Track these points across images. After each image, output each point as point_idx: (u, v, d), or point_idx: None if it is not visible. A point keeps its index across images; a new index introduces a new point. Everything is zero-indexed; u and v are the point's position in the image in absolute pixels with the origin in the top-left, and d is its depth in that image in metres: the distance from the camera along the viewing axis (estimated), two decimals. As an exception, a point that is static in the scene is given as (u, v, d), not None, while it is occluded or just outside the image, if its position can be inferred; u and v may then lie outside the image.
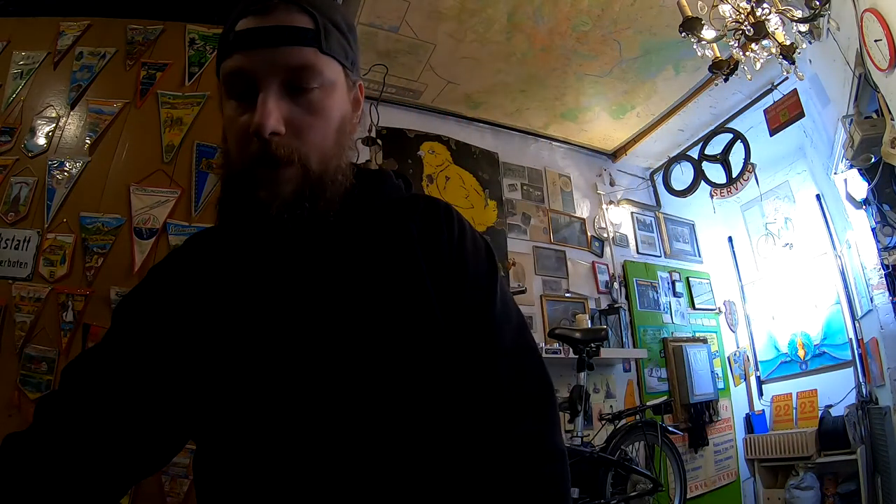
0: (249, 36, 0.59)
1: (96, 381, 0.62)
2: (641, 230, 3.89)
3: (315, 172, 0.61)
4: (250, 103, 0.59)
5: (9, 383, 1.44)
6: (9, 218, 1.59)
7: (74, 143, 1.68)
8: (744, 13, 1.94)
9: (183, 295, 0.66)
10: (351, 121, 0.67)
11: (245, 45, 0.59)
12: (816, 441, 3.08)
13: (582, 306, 3.30)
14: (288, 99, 0.60)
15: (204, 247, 0.72)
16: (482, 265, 0.68)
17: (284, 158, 0.59)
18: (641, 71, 3.02)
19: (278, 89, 0.59)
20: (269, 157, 0.58)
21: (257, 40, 0.59)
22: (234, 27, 0.61)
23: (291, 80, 0.60)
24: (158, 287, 0.69)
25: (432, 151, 3.15)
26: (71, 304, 1.51)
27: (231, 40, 0.60)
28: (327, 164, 0.62)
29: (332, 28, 0.63)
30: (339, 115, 0.64)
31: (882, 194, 2.36)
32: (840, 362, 3.26)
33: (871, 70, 1.84)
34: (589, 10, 2.55)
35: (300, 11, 0.61)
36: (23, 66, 1.76)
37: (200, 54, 1.77)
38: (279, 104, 0.59)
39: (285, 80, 0.59)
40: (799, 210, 3.67)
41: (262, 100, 0.58)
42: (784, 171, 3.71)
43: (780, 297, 3.77)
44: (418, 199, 0.72)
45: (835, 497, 2.94)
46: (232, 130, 0.62)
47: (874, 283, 2.67)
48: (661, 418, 2.73)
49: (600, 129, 3.64)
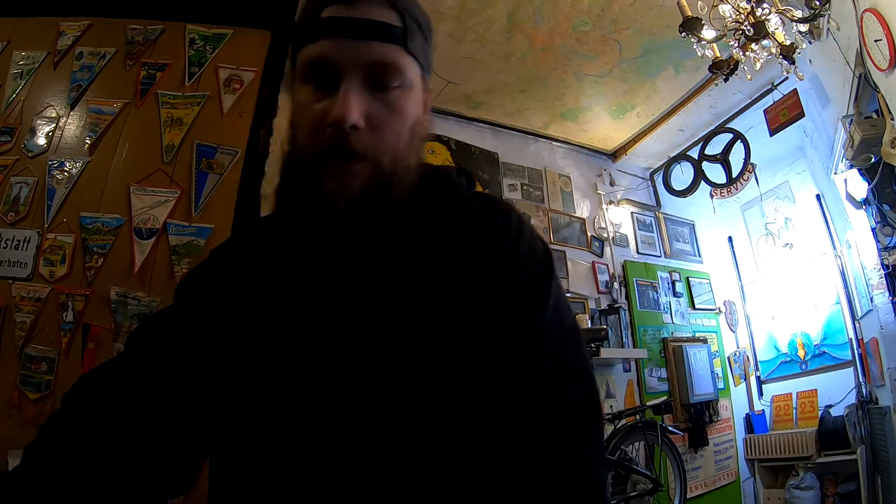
0: (338, 24, 0.58)
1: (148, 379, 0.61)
2: (641, 230, 3.89)
3: (386, 170, 0.59)
4: (329, 92, 0.58)
5: (9, 383, 1.44)
6: (9, 218, 1.59)
7: (74, 143, 1.68)
8: (744, 13, 1.94)
9: (233, 286, 0.65)
10: (422, 123, 0.66)
11: (332, 32, 0.58)
12: (816, 441, 3.08)
13: (582, 306, 3.30)
14: (369, 94, 0.58)
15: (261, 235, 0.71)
16: (535, 267, 0.63)
17: (359, 153, 0.57)
18: (641, 71, 3.02)
19: (361, 83, 0.58)
20: (344, 149, 0.57)
21: (346, 30, 0.58)
22: (320, 13, 0.59)
23: (375, 75, 0.58)
24: (210, 281, 0.68)
25: (432, 151, 3.15)
26: (71, 304, 1.51)
27: (316, 27, 0.59)
28: (398, 163, 0.60)
29: (416, 28, 0.62)
30: (413, 116, 0.63)
31: (882, 194, 2.36)
32: (840, 362, 3.26)
33: (871, 70, 1.84)
34: (589, 10, 2.55)
35: (389, 7, 0.60)
36: (23, 66, 1.76)
37: (200, 54, 1.77)
38: (361, 98, 0.57)
39: (368, 75, 0.58)
40: (799, 210, 3.68)
41: (344, 91, 0.57)
42: (784, 171, 3.71)
43: (780, 297, 3.77)
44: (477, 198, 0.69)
45: (835, 497, 2.94)
46: (304, 117, 0.60)
47: (874, 283, 2.67)
48: (661, 418, 2.73)
49: (600, 129, 3.64)
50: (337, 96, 0.57)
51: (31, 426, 1.40)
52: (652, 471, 2.39)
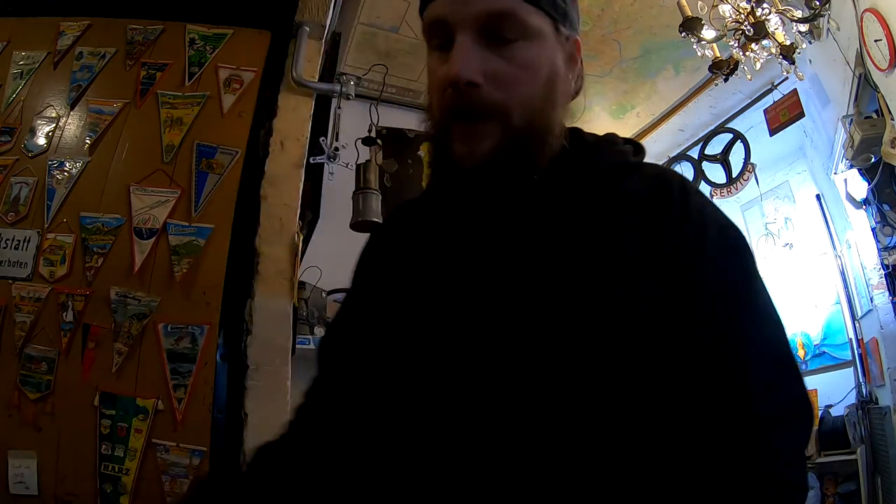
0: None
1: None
2: (641, 230, 3.89)
3: (518, 128, 0.54)
4: (448, 52, 0.55)
5: (9, 383, 1.43)
6: (9, 218, 1.59)
7: (74, 143, 1.67)
8: (744, 13, 1.94)
9: (393, 269, 0.63)
10: (564, 79, 0.61)
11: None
12: (816, 441, 3.07)
13: (582, 306, 3.30)
14: (487, 49, 0.54)
15: (412, 213, 0.69)
16: (732, 266, 0.56)
17: (482, 111, 0.53)
18: (641, 71, 3.02)
19: (475, 37, 0.54)
20: (465, 108, 0.54)
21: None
22: None
23: (490, 27, 0.54)
24: (377, 266, 0.67)
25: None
26: (71, 304, 1.51)
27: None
28: (532, 120, 0.55)
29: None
30: (546, 70, 0.57)
31: (882, 194, 2.37)
32: (840, 362, 3.26)
33: (871, 70, 1.84)
34: (589, 10, 2.55)
35: None
36: (23, 66, 1.75)
37: (200, 54, 1.77)
38: (475, 53, 0.53)
39: (483, 28, 0.54)
40: (799, 210, 3.67)
41: (456, 47, 0.54)
42: (784, 171, 3.71)
43: (780, 297, 3.77)
44: (645, 168, 0.62)
45: (835, 497, 2.94)
46: (433, 83, 0.60)
47: (874, 283, 2.67)
48: (661, 418, 2.73)
49: (600, 129, 3.61)
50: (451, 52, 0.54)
51: (31, 426, 1.41)
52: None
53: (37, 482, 1.36)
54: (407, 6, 2.46)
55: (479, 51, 0.54)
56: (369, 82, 2.64)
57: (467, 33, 0.54)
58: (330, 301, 2.45)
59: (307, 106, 1.78)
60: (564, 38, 0.60)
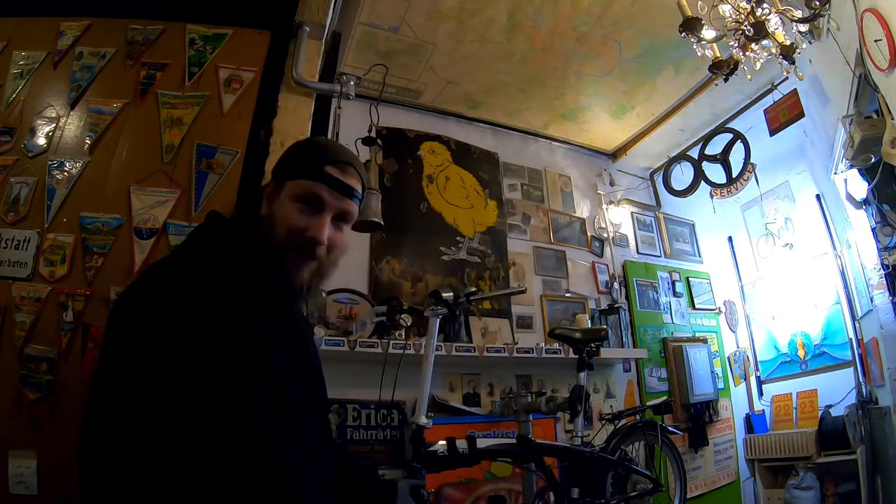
0: (334, 181, 0.98)
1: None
2: (641, 230, 3.89)
3: (324, 268, 1.00)
4: (311, 214, 0.96)
5: (9, 383, 1.43)
6: (9, 218, 1.59)
7: (74, 143, 1.67)
8: (744, 13, 1.94)
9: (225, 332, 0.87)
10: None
11: (329, 184, 0.97)
12: (816, 441, 3.08)
13: (582, 306, 3.30)
14: (333, 224, 0.99)
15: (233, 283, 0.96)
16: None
17: (317, 257, 0.98)
18: (641, 71, 3.02)
19: (331, 218, 0.98)
20: (310, 253, 0.97)
21: (337, 187, 0.98)
22: (323, 167, 0.98)
23: (340, 216, 1.00)
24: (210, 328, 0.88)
25: (432, 151, 3.15)
26: (71, 304, 1.51)
27: (318, 174, 0.97)
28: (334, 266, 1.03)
29: (364, 188, 1.05)
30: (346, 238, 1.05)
31: (882, 194, 2.37)
32: (840, 362, 3.26)
33: (871, 70, 1.84)
34: (589, 11, 2.55)
35: (357, 179, 1.02)
36: (23, 66, 1.75)
37: (200, 54, 1.77)
38: (329, 227, 0.98)
39: (336, 215, 0.99)
40: (799, 210, 3.67)
41: (323, 221, 0.97)
42: (784, 171, 3.71)
43: (780, 297, 3.77)
44: None
45: (835, 497, 2.94)
46: (288, 220, 0.95)
47: (874, 283, 2.67)
48: (661, 418, 2.73)
49: (600, 129, 3.64)
50: (319, 220, 0.96)
51: (31, 426, 1.40)
52: (652, 471, 2.38)
53: (37, 482, 1.36)
54: (407, 6, 2.46)
55: (330, 225, 0.99)
56: (369, 82, 2.64)
57: (330, 214, 0.98)
58: (330, 301, 2.45)
59: (307, 106, 1.79)
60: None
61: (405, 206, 2.92)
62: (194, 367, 0.79)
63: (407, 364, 1.77)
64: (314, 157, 0.99)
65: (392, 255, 2.79)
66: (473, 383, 2.71)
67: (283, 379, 0.91)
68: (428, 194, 3.04)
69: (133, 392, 0.74)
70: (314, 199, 0.96)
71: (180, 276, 0.87)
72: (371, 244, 2.76)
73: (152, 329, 0.79)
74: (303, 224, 0.95)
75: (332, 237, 0.98)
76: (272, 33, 1.82)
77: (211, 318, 0.83)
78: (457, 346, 2.51)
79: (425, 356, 1.66)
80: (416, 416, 1.59)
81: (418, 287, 2.81)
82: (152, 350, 0.77)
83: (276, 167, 1.04)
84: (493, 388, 2.74)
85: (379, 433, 2.34)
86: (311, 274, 0.97)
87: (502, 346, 2.66)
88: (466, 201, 3.16)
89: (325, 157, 0.99)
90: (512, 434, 2.39)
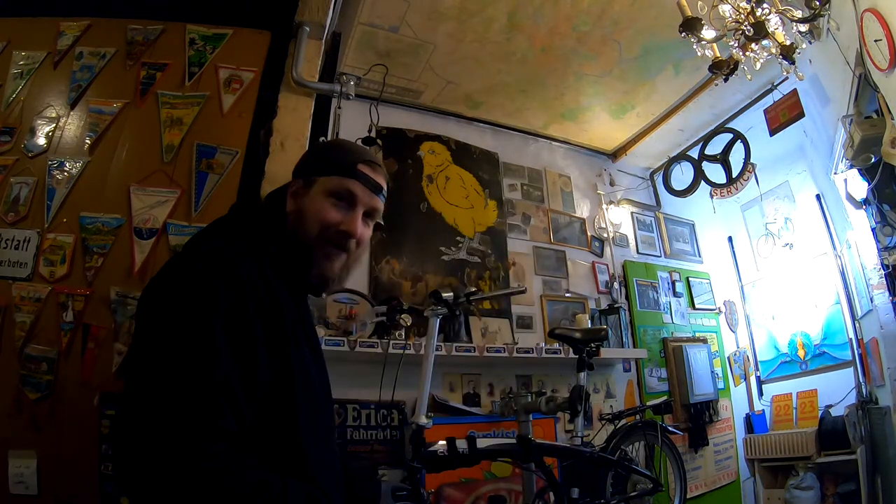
0: (366, 178, 1.03)
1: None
2: (641, 230, 3.89)
3: (351, 262, 1.04)
4: (344, 209, 1.01)
5: (9, 383, 1.44)
6: (9, 218, 1.59)
7: (74, 143, 1.67)
8: (744, 13, 1.93)
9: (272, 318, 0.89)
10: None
11: (361, 181, 1.02)
12: (816, 441, 3.07)
13: (582, 306, 3.30)
14: (363, 220, 1.04)
15: (275, 273, 0.99)
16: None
17: (347, 250, 1.02)
18: (641, 71, 3.02)
19: (362, 213, 1.03)
20: (342, 246, 1.00)
21: (368, 184, 1.03)
22: (356, 165, 1.03)
23: (370, 212, 1.05)
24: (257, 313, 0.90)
25: (432, 151, 3.15)
26: (71, 304, 1.51)
27: (354, 171, 1.02)
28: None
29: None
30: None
31: (882, 194, 2.36)
32: (840, 362, 3.26)
33: (871, 70, 1.84)
34: (589, 11, 2.55)
35: (383, 176, 1.08)
36: (23, 66, 1.75)
37: (200, 54, 1.77)
38: (362, 223, 1.03)
39: (366, 211, 1.04)
40: (799, 210, 3.67)
41: (356, 215, 1.01)
42: (784, 171, 3.71)
43: (780, 297, 3.77)
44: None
45: (835, 497, 2.94)
46: (320, 214, 0.99)
47: (874, 283, 2.66)
48: (661, 418, 2.73)
49: (600, 129, 3.64)
50: (352, 214, 1.01)
51: (31, 426, 1.41)
52: (652, 471, 2.38)
53: (37, 482, 1.36)
54: (407, 6, 2.46)
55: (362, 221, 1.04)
56: (369, 82, 2.64)
57: (361, 209, 1.03)
58: (330, 301, 2.45)
59: (307, 106, 1.79)
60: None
61: (405, 206, 2.92)
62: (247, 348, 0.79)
63: (407, 364, 1.77)
64: (347, 156, 1.04)
65: (392, 255, 2.79)
66: (473, 383, 2.71)
67: (311, 370, 0.93)
68: (428, 194, 3.04)
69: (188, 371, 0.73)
70: (347, 194, 1.01)
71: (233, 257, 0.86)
72: (371, 244, 2.75)
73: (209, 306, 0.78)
74: (337, 218, 0.99)
75: (362, 232, 1.02)
76: (272, 33, 1.82)
77: (261, 303, 0.83)
78: (457, 346, 2.51)
79: (425, 356, 1.66)
80: (416, 416, 1.59)
81: (418, 287, 2.81)
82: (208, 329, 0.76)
83: (302, 166, 1.08)
84: (493, 388, 2.74)
85: (379, 433, 2.33)
86: (341, 267, 1.01)
87: (502, 346, 2.66)
88: (466, 201, 3.16)
89: (358, 156, 1.05)
90: (512, 434, 2.39)
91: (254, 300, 0.82)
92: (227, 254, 0.87)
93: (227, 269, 0.83)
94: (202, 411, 0.71)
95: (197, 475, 0.69)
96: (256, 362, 0.80)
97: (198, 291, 0.80)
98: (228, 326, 0.78)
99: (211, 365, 0.74)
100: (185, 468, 0.68)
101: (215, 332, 0.76)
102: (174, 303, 0.80)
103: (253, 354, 0.80)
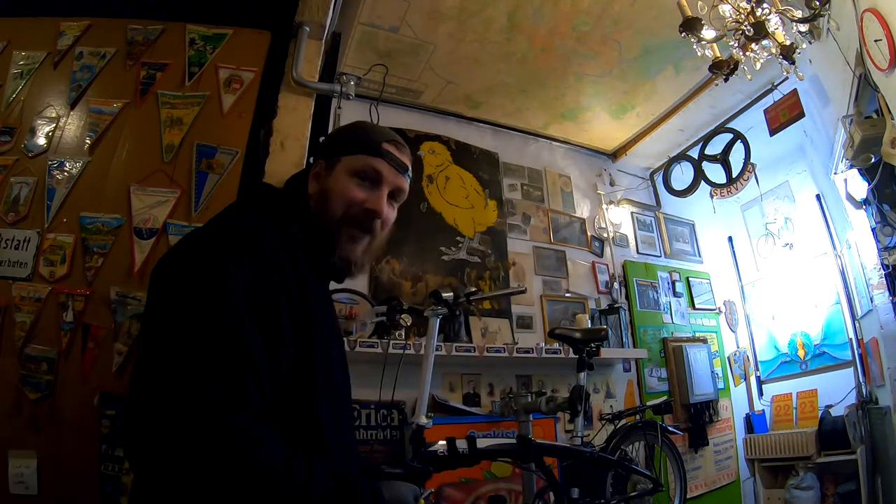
0: (391, 157, 1.01)
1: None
2: (641, 230, 3.89)
3: (374, 244, 1.04)
4: (370, 188, 0.99)
5: (9, 383, 1.43)
6: (9, 218, 1.59)
7: (74, 143, 1.67)
8: (744, 13, 1.93)
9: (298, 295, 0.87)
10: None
11: (387, 159, 1.00)
12: (816, 441, 3.08)
13: (582, 306, 3.30)
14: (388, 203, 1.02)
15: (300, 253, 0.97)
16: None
17: (371, 230, 1.00)
18: (641, 71, 3.02)
19: (387, 193, 1.01)
20: (367, 226, 0.99)
21: (394, 163, 1.01)
22: (381, 144, 1.01)
23: (394, 192, 1.03)
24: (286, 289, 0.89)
25: (432, 151, 3.15)
26: (71, 304, 1.51)
27: (377, 150, 1.00)
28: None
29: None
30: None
31: (882, 194, 2.37)
32: (840, 362, 3.26)
33: (871, 70, 1.84)
34: (589, 11, 2.55)
35: (408, 156, 1.06)
36: (23, 66, 1.75)
37: (200, 54, 1.77)
38: (387, 202, 1.01)
39: (391, 190, 1.01)
40: (799, 210, 3.67)
41: (382, 194, 1.00)
42: (784, 171, 3.71)
43: (780, 297, 3.77)
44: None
45: (835, 497, 2.94)
46: (343, 194, 0.96)
47: (874, 283, 2.67)
48: (661, 418, 2.73)
49: (600, 129, 3.64)
50: (377, 192, 0.99)
51: (31, 426, 1.40)
52: (652, 471, 2.39)
53: (37, 482, 1.36)
54: (407, 6, 2.46)
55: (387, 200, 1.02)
56: (369, 82, 2.63)
57: (387, 188, 1.01)
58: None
59: (307, 106, 1.78)
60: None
61: (405, 206, 2.87)
62: (271, 323, 0.76)
63: (407, 364, 1.77)
64: (372, 135, 1.03)
65: (392, 255, 2.79)
66: (473, 383, 2.71)
67: (333, 354, 0.91)
68: (428, 194, 3.04)
69: (210, 339, 0.69)
70: (373, 173, 0.99)
71: (258, 231, 0.84)
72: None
73: (233, 274, 0.75)
74: (362, 196, 0.97)
75: (386, 213, 1.00)
76: (272, 33, 1.82)
77: (286, 280, 0.80)
78: (457, 346, 2.51)
79: (425, 356, 1.66)
80: (416, 416, 1.59)
81: (418, 287, 2.81)
82: (231, 298, 0.73)
83: (325, 147, 1.06)
84: (493, 388, 2.74)
85: (379, 433, 2.33)
86: (363, 249, 0.99)
87: (502, 346, 2.66)
88: (466, 201, 3.16)
89: (383, 136, 1.03)
90: (512, 434, 2.39)
91: (280, 275, 0.79)
92: (252, 226, 0.85)
93: (252, 241, 0.80)
94: (226, 381, 0.67)
95: (225, 450, 0.64)
96: (280, 337, 0.77)
97: (221, 260, 0.76)
98: (252, 298, 0.74)
99: (235, 334, 0.70)
100: (212, 443, 0.63)
101: (238, 301, 0.73)
102: (195, 270, 0.76)
103: (277, 330, 0.76)
